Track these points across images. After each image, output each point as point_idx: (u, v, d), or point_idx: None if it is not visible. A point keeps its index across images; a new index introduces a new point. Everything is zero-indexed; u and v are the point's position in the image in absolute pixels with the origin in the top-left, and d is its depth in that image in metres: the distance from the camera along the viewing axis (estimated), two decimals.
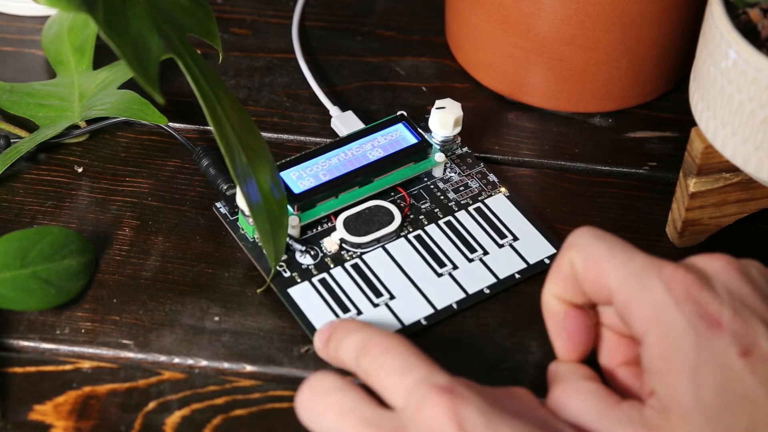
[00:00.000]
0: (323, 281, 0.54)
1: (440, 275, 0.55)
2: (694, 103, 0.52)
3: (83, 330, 0.53)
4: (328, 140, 0.60)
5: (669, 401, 0.43)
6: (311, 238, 0.56)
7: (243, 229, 0.56)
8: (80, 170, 0.60)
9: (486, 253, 0.56)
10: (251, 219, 0.52)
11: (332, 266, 0.55)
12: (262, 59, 0.67)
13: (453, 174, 0.59)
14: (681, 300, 0.43)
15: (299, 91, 0.65)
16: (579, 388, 0.46)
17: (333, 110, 0.62)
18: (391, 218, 0.56)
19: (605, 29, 0.60)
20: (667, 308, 0.43)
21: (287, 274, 0.54)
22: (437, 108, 0.58)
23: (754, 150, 0.49)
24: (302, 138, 0.62)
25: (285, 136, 0.62)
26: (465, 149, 0.60)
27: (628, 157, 0.62)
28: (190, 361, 0.52)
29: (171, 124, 0.61)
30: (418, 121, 0.61)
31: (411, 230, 0.57)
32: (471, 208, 0.58)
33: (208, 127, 0.62)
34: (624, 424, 0.44)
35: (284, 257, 0.55)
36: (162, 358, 0.52)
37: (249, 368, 0.52)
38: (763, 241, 0.58)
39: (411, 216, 0.57)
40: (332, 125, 0.62)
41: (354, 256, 0.55)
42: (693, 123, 0.54)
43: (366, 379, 0.46)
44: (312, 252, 0.55)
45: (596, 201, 0.60)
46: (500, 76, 0.64)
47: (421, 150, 0.58)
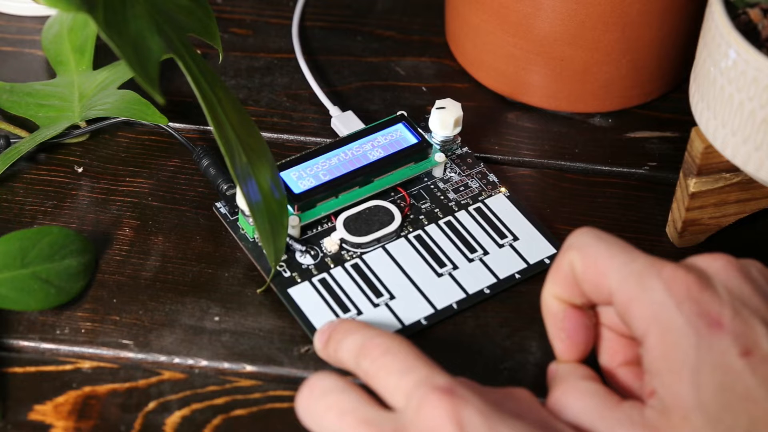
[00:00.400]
0: (323, 281, 0.54)
1: (440, 275, 0.55)
2: (694, 103, 0.52)
3: (83, 330, 0.53)
4: (328, 140, 0.60)
5: (670, 401, 0.43)
6: (311, 238, 0.56)
7: (243, 229, 0.56)
8: (80, 170, 0.60)
9: (486, 253, 0.56)
10: (251, 219, 0.52)
11: (332, 266, 0.55)
12: (262, 59, 0.67)
13: (453, 174, 0.59)
14: (681, 300, 0.43)
15: (299, 91, 0.65)
16: (579, 389, 0.46)
17: (333, 110, 0.62)
18: (391, 218, 0.56)
19: (605, 29, 0.60)
20: (668, 308, 0.43)
21: (287, 274, 0.54)
22: (437, 108, 0.58)
23: (754, 150, 0.49)
24: (302, 138, 0.62)
25: (285, 136, 0.62)
26: (465, 149, 0.60)
27: (628, 157, 0.62)
28: (190, 361, 0.52)
29: (171, 124, 0.61)
30: (418, 121, 0.61)
31: (411, 230, 0.57)
32: (471, 208, 0.58)
33: (208, 127, 0.62)
34: (624, 425, 0.44)
35: (284, 257, 0.55)
36: (162, 358, 0.52)
37: (249, 368, 0.52)
38: (763, 241, 0.58)
39: (411, 216, 0.57)
40: (332, 125, 0.62)
41: (354, 256, 0.55)
42: (693, 123, 0.54)
43: (366, 380, 0.46)
44: (312, 252, 0.55)
45: (596, 201, 0.60)
46: (500, 76, 0.64)
47: (421, 150, 0.58)
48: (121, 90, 0.60)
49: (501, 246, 0.56)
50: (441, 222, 0.57)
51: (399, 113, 0.59)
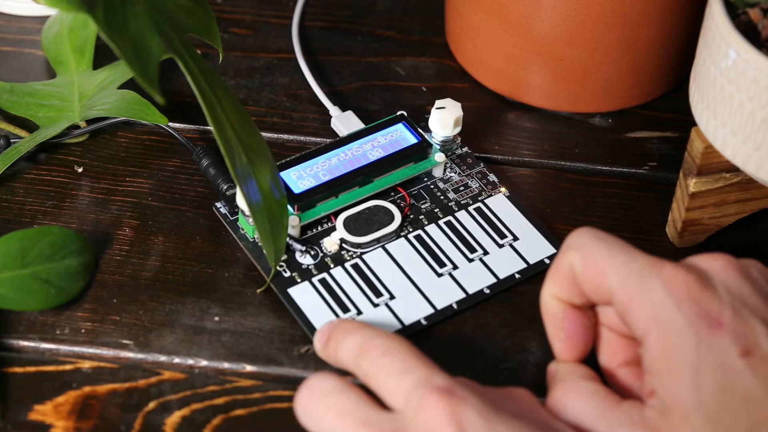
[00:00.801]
0: (323, 281, 0.54)
1: (440, 275, 0.55)
2: (694, 103, 0.52)
3: (83, 330, 0.53)
4: (328, 140, 0.60)
5: (669, 401, 0.43)
6: (311, 238, 0.56)
7: (243, 229, 0.56)
8: (80, 170, 0.60)
9: (486, 253, 0.56)
10: (251, 219, 0.52)
11: (332, 266, 0.55)
12: (262, 59, 0.67)
13: (453, 174, 0.59)
14: (681, 300, 0.43)
15: (299, 91, 0.65)
16: (579, 389, 0.46)
17: (333, 110, 0.62)
18: (391, 218, 0.56)
19: (605, 29, 0.60)
20: (668, 308, 0.43)
21: (287, 274, 0.54)
22: (437, 108, 0.58)
23: (754, 150, 0.49)
24: (302, 138, 0.62)
25: (285, 136, 0.62)
26: (465, 149, 0.60)
27: (628, 157, 0.62)
28: (190, 361, 0.52)
29: (171, 124, 0.61)
30: (418, 121, 0.61)
31: (411, 230, 0.57)
32: (471, 208, 0.58)
33: (208, 127, 0.62)
34: (624, 425, 0.44)
35: (284, 257, 0.55)
36: (162, 358, 0.52)
37: (249, 368, 0.52)
38: (763, 241, 0.58)
39: (411, 216, 0.57)
40: (332, 125, 0.62)
41: (354, 256, 0.55)
42: (693, 123, 0.54)
43: (365, 381, 0.46)
44: (312, 252, 0.55)
45: (596, 201, 0.60)
46: (500, 76, 0.64)
47: (421, 150, 0.58)
48: (121, 90, 0.60)
49: (501, 246, 0.56)
50: (441, 222, 0.57)
51: (399, 113, 0.59)
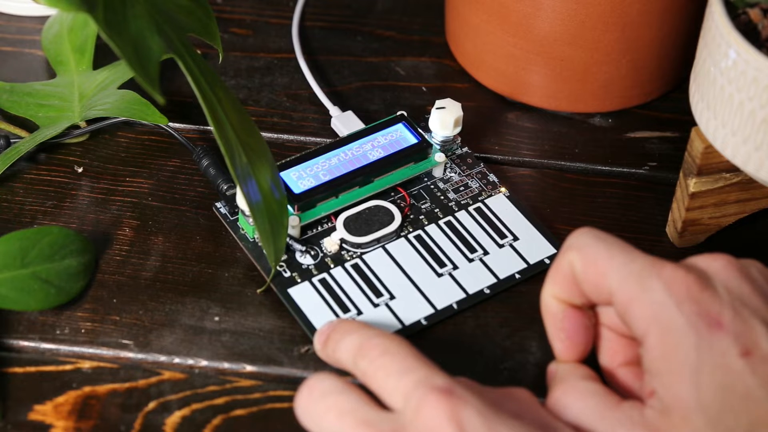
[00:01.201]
0: (323, 281, 0.54)
1: (440, 275, 0.55)
2: (694, 103, 0.52)
3: (83, 330, 0.53)
4: (328, 140, 0.60)
5: (669, 401, 0.43)
6: (311, 238, 0.56)
7: (243, 229, 0.56)
8: (80, 170, 0.60)
9: (486, 253, 0.56)
10: (251, 219, 0.52)
11: (332, 266, 0.55)
12: (262, 59, 0.67)
13: (453, 174, 0.59)
14: (681, 300, 0.43)
15: (299, 91, 0.65)
16: (579, 389, 0.46)
17: (333, 110, 0.62)
18: (391, 218, 0.56)
19: (605, 29, 0.60)
20: (668, 309, 0.43)
21: (287, 274, 0.54)
22: (437, 108, 0.58)
23: (754, 150, 0.49)
24: (302, 138, 0.62)
25: (285, 136, 0.62)
26: (465, 149, 0.60)
27: (628, 157, 0.62)
28: (190, 361, 0.52)
29: (171, 124, 0.61)
30: (418, 121, 0.61)
31: (411, 230, 0.57)
32: (471, 208, 0.58)
33: (208, 127, 0.62)
34: (625, 425, 0.44)
35: (284, 257, 0.55)
36: (162, 358, 0.52)
37: (249, 368, 0.52)
38: (763, 241, 0.58)
39: (411, 216, 0.57)
40: (332, 125, 0.62)
41: (354, 256, 0.55)
42: (693, 123, 0.54)
43: (364, 381, 0.46)
44: (312, 252, 0.55)
45: (596, 201, 0.60)
46: (500, 76, 0.64)
47: (421, 150, 0.58)
48: (121, 90, 0.60)
49: (501, 246, 0.56)
50: (441, 222, 0.57)
51: (399, 113, 0.59)
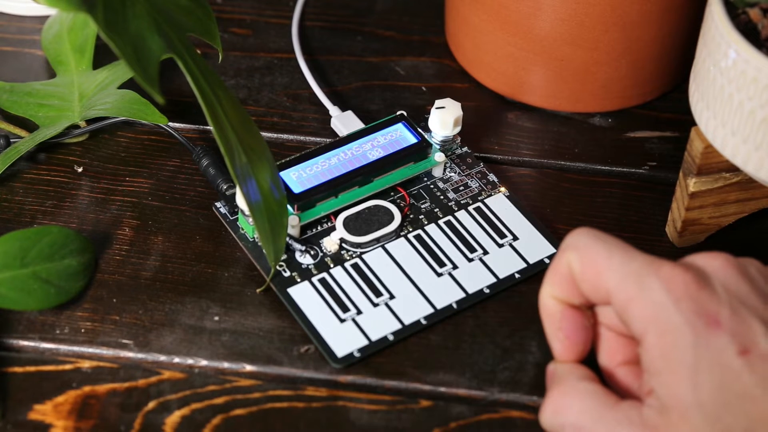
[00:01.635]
0: (323, 281, 0.54)
1: (440, 275, 0.55)
2: (694, 103, 0.52)
3: (83, 330, 0.53)
4: (328, 140, 0.60)
5: (668, 400, 0.43)
6: (311, 238, 0.56)
7: (243, 229, 0.56)
8: (80, 170, 0.60)
9: (486, 253, 0.56)
10: (251, 219, 0.52)
11: (332, 266, 0.55)
12: (262, 59, 0.67)
13: (453, 174, 0.59)
14: (679, 299, 0.43)
15: (299, 91, 0.65)
16: (578, 389, 0.46)
17: (333, 110, 0.62)
18: (391, 218, 0.56)
19: (605, 29, 0.60)
20: (666, 308, 0.43)
21: (287, 274, 0.54)
22: (437, 108, 0.58)
23: (754, 150, 0.49)
24: (302, 138, 0.62)
25: (285, 136, 0.62)
26: (465, 149, 0.60)
27: (628, 157, 0.62)
28: (190, 361, 0.52)
29: (171, 124, 0.61)
30: (418, 121, 0.61)
31: (411, 230, 0.57)
32: (471, 208, 0.58)
33: (208, 127, 0.62)
34: (623, 424, 0.44)
35: (284, 257, 0.55)
36: (162, 358, 0.52)
37: (249, 368, 0.52)
38: (763, 241, 0.58)
39: (411, 216, 0.57)
40: (332, 125, 0.62)
41: (354, 256, 0.55)
42: (693, 123, 0.54)
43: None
44: (312, 252, 0.55)
45: (596, 201, 0.60)
46: (500, 76, 0.64)
47: (421, 150, 0.58)
48: (121, 90, 0.60)
49: (501, 246, 0.56)
50: (441, 222, 0.57)
51: (399, 113, 0.59)
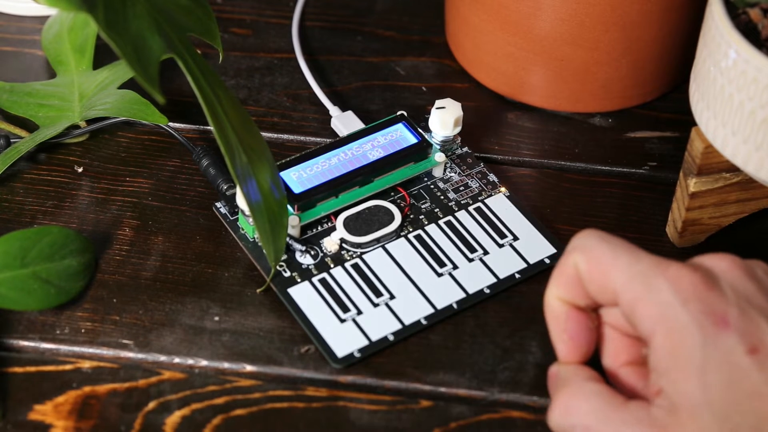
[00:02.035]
0: (323, 281, 0.54)
1: (440, 275, 0.55)
2: (694, 103, 0.52)
3: (83, 330, 0.53)
4: (328, 140, 0.60)
5: (677, 399, 0.43)
6: (311, 238, 0.56)
7: (243, 229, 0.56)
8: (80, 170, 0.60)
9: (486, 253, 0.56)
10: (251, 219, 0.52)
11: (332, 266, 0.55)
12: (262, 59, 0.67)
13: (453, 174, 0.59)
14: (687, 299, 0.43)
15: (299, 91, 0.65)
16: (584, 390, 0.46)
17: (333, 110, 0.62)
18: (391, 218, 0.56)
19: (605, 29, 0.60)
20: (674, 308, 0.43)
21: (287, 274, 0.54)
22: (437, 108, 0.58)
23: (754, 150, 0.49)
24: (302, 138, 0.62)
25: (285, 136, 0.62)
26: (465, 149, 0.60)
27: (628, 157, 0.62)
28: (190, 361, 0.52)
29: (171, 124, 0.61)
30: (418, 121, 0.61)
31: (411, 230, 0.57)
32: (471, 208, 0.58)
33: (208, 127, 0.62)
34: (632, 424, 0.44)
35: (284, 257, 0.55)
36: (162, 358, 0.52)
37: (249, 368, 0.52)
38: (764, 241, 0.58)
39: (411, 216, 0.57)
40: (332, 125, 0.62)
41: (354, 256, 0.55)
42: (693, 123, 0.54)
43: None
44: (312, 252, 0.55)
45: (596, 201, 0.59)
46: (500, 76, 0.64)
47: (421, 150, 0.58)
48: (121, 90, 0.60)
49: (501, 246, 0.56)
50: (441, 222, 0.57)
51: (399, 113, 0.59)
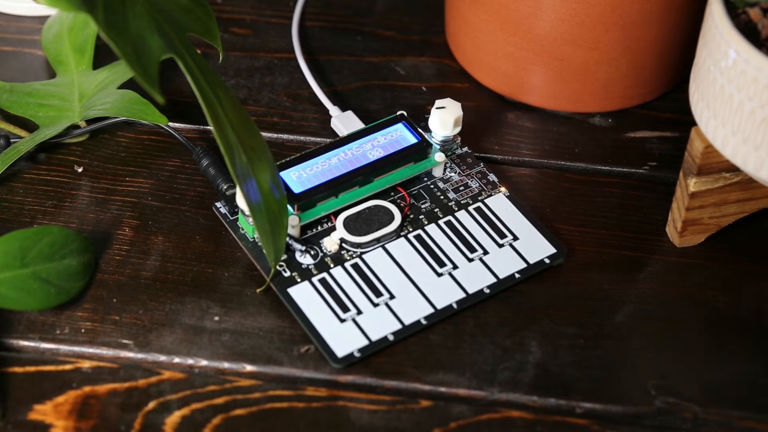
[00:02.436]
0: (323, 281, 0.54)
1: (440, 275, 0.55)
2: (694, 103, 0.52)
3: (83, 330, 0.53)
4: (328, 140, 0.60)
5: None
6: (311, 238, 0.56)
7: (243, 229, 0.56)
8: (80, 170, 0.60)
9: (486, 253, 0.56)
10: (251, 219, 0.52)
11: (332, 266, 0.55)
12: (262, 59, 0.67)
13: (453, 174, 0.59)
14: None
15: (299, 91, 0.65)
16: None
17: (333, 110, 0.62)
18: (391, 218, 0.56)
19: (605, 29, 0.60)
20: None
21: (287, 274, 0.54)
22: (437, 108, 0.58)
23: (754, 149, 0.49)
24: (302, 138, 0.62)
25: (285, 136, 0.62)
26: (465, 149, 0.60)
27: (628, 157, 0.62)
28: (190, 361, 0.52)
29: (171, 124, 0.61)
30: (418, 121, 0.61)
31: (411, 230, 0.57)
32: (471, 208, 0.58)
33: (208, 127, 0.62)
34: None
35: (284, 257, 0.55)
36: (162, 358, 0.52)
37: (249, 368, 0.52)
38: (764, 241, 0.58)
39: (411, 216, 0.57)
40: (332, 125, 0.62)
41: (354, 256, 0.55)
42: (693, 123, 0.54)
43: None
44: (312, 252, 0.55)
45: (596, 201, 0.59)
46: (500, 76, 0.64)
47: (421, 150, 0.58)
48: (121, 90, 0.60)
49: (501, 246, 0.56)
50: (441, 222, 0.57)
51: (399, 113, 0.59)
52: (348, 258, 0.55)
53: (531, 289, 0.55)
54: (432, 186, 0.58)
